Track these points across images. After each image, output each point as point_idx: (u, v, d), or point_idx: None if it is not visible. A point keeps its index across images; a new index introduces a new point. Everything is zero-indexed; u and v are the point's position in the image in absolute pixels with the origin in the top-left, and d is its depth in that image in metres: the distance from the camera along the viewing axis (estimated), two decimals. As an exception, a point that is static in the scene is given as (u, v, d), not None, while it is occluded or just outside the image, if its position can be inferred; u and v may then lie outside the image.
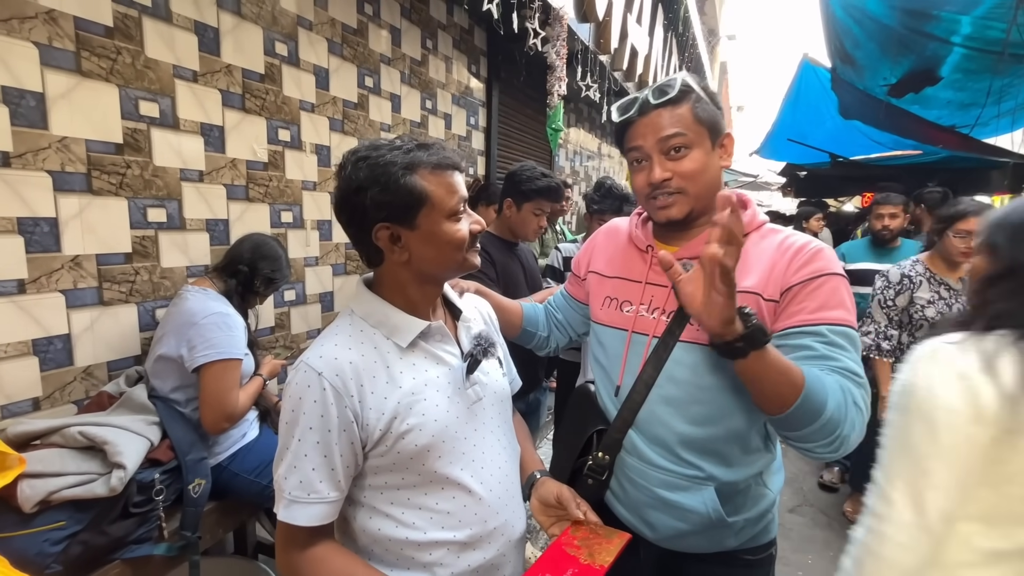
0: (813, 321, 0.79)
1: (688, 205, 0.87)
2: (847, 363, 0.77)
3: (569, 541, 0.80)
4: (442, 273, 0.82)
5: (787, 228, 0.90)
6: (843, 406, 0.73)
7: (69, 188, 1.31)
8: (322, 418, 0.71)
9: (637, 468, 0.92)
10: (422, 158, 0.75)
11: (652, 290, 0.93)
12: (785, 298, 0.81)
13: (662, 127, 0.84)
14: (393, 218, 0.75)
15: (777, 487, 0.94)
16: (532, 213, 1.81)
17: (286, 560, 0.74)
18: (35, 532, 1.04)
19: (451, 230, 0.76)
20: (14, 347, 1.24)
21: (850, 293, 0.82)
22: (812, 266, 0.81)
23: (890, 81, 4.34)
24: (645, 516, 0.92)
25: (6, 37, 1.18)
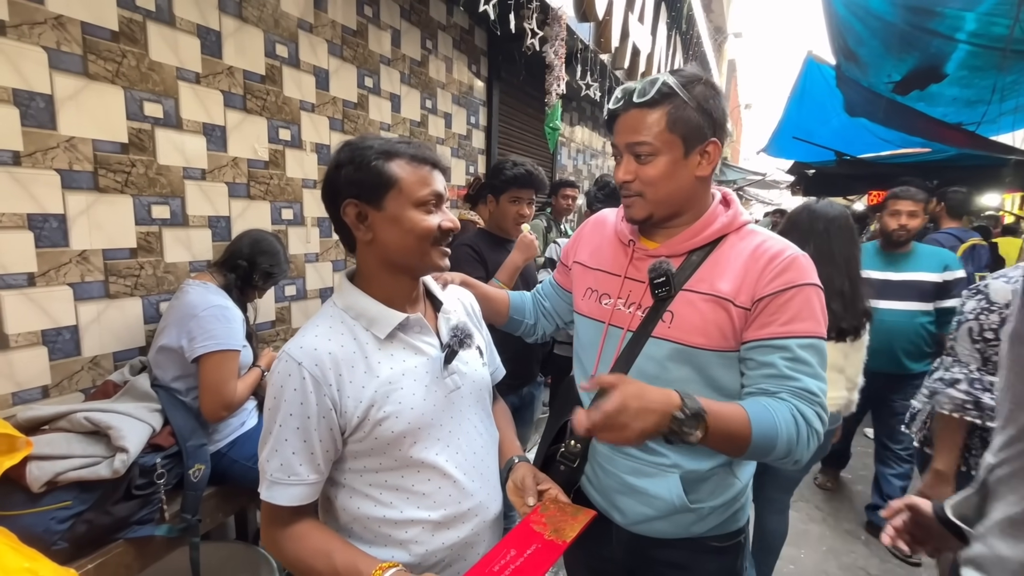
0: (782, 334, 0.82)
1: (646, 209, 0.90)
2: (806, 383, 0.81)
3: (537, 519, 0.84)
4: (407, 262, 0.84)
5: (766, 231, 0.91)
6: (794, 435, 0.77)
7: (77, 186, 1.38)
8: (302, 405, 0.75)
9: (607, 455, 0.96)
10: (401, 149, 0.81)
11: (630, 285, 0.95)
12: (757, 307, 0.83)
13: (633, 130, 0.86)
14: (362, 196, 0.80)
15: (747, 476, 0.97)
16: (508, 203, 1.82)
17: (269, 537, 0.79)
18: (42, 511, 1.10)
19: (416, 217, 0.80)
20: (24, 337, 1.31)
21: (822, 302, 0.85)
22: (785, 276, 0.82)
23: (895, 78, 4.32)
24: (615, 501, 0.96)
25: (17, 42, 1.24)
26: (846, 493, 2.86)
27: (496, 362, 1.13)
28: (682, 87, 0.84)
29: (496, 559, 0.73)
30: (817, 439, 0.80)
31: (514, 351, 1.92)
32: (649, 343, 0.89)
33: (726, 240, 0.90)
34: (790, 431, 0.77)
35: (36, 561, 1.01)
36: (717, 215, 0.91)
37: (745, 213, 0.93)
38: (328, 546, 0.77)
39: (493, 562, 0.72)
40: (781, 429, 0.76)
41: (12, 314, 1.28)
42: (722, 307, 0.84)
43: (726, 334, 0.85)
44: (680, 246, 0.91)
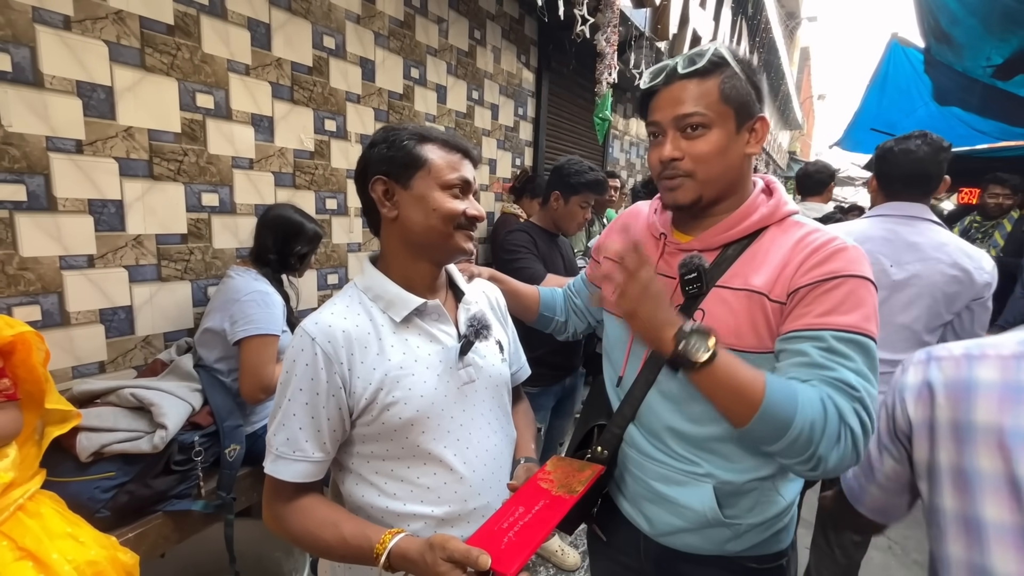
0: (816, 325, 0.72)
1: (695, 191, 0.81)
2: (843, 373, 0.69)
3: (545, 476, 0.81)
4: (428, 244, 0.82)
5: (814, 223, 0.82)
6: (820, 422, 0.66)
7: (133, 173, 1.45)
8: (312, 381, 0.75)
9: (636, 460, 0.90)
10: (435, 134, 0.82)
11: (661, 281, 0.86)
12: (792, 300, 0.75)
13: (682, 102, 0.78)
14: (391, 173, 0.80)
15: (792, 494, 0.88)
16: (579, 206, 1.85)
17: (271, 511, 0.78)
18: (89, 480, 1.16)
19: (441, 199, 0.80)
20: (84, 315, 1.39)
21: (872, 298, 0.73)
22: (827, 267, 0.73)
23: (995, 62, 3.85)
24: (643, 509, 0.90)
25: (80, 36, 1.31)
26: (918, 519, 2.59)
27: (521, 361, 1.08)
28: (733, 56, 0.79)
29: (504, 517, 0.71)
30: (853, 441, 0.68)
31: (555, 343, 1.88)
32: None
33: (766, 233, 0.82)
34: (814, 414, 0.67)
35: (79, 527, 1.07)
36: (757, 205, 0.83)
37: (790, 203, 0.84)
38: (335, 516, 0.76)
39: (502, 520, 0.70)
40: (803, 407, 0.67)
41: (73, 293, 1.36)
42: (755, 302, 0.77)
43: (760, 333, 0.77)
44: (715, 239, 0.84)
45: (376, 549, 0.70)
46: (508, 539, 0.66)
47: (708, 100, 0.77)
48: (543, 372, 1.87)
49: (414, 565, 0.67)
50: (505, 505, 0.74)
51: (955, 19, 3.66)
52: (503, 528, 0.68)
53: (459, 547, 0.63)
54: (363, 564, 0.73)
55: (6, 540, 0.95)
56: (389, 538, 0.70)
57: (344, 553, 0.73)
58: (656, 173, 0.85)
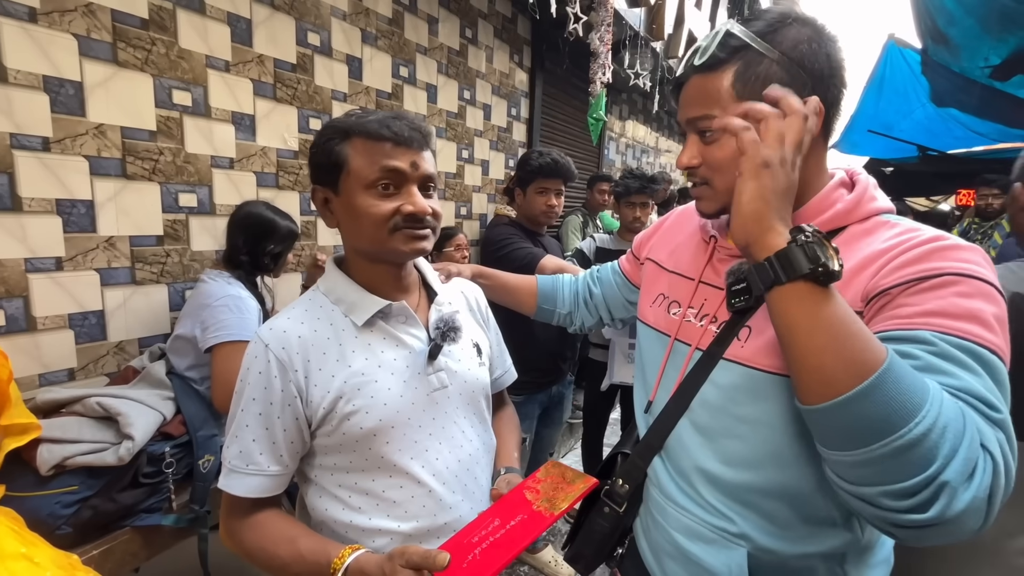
0: (912, 325, 0.53)
1: (716, 202, 0.69)
2: (970, 384, 0.49)
3: (533, 485, 0.75)
4: (367, 250, 0.76)
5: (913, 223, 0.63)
6: (958, 430, 0.46)
7: (105, 172, 1.39)
8: (265, 390, 0.70)
9: (659, 504, 0.77)
10: (363, 126, 0.72)
11: (705, 291, 0.76)
12: (874, 306, 0.58)
13: (694, 103, 0.67)
14: (321, 181, 0.75)
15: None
16: (536, 193, 1.82)
17: (226, 527, 0.74)
18: (49, 494, 1.10)
19: (365, 203, 0.72)
20: (52, 320, 1.33)
21: (998, 305, 0.53)
22: (925, 264, 0.55)
23: (992, 62, 3.83)
24: (663, 564, 0.76)
25: (48, 29, 1.26)
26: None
27: (505, 364, 1.03)
28: (758, 35, 0.63)
29: (478, 529, 0.66)
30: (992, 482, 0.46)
31: (542, 350, 1.83)
32: (719, 367, 0.69)
33: (844, 233, 0.66)
34: (950, 415, 0.46)
35: (34, 547, 1.00)
36: (832, 201, 0.67)
37: (881, 199, 0.68)
38: (292, 532, 0.71)
39: (474, 532, 0.66)
40: (935, 400, 0.46)
41: (40, 297, 1.30)
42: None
43: None
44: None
45: (333, 565, 0.65)
46: (473, 556, 0.61)
47: (719, 99, 0.64)
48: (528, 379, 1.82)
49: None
50: (483, 514, 0.70)
51: (952, 19, 3.64)
52: (472, 542, 0.64)
53: (418, 550, 0.60)
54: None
55: (-48, 562, 0.89)
56: (348, 553, 0.65)
57: (299, 571, 0.68)
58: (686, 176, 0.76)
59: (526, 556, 2.17)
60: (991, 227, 3.39)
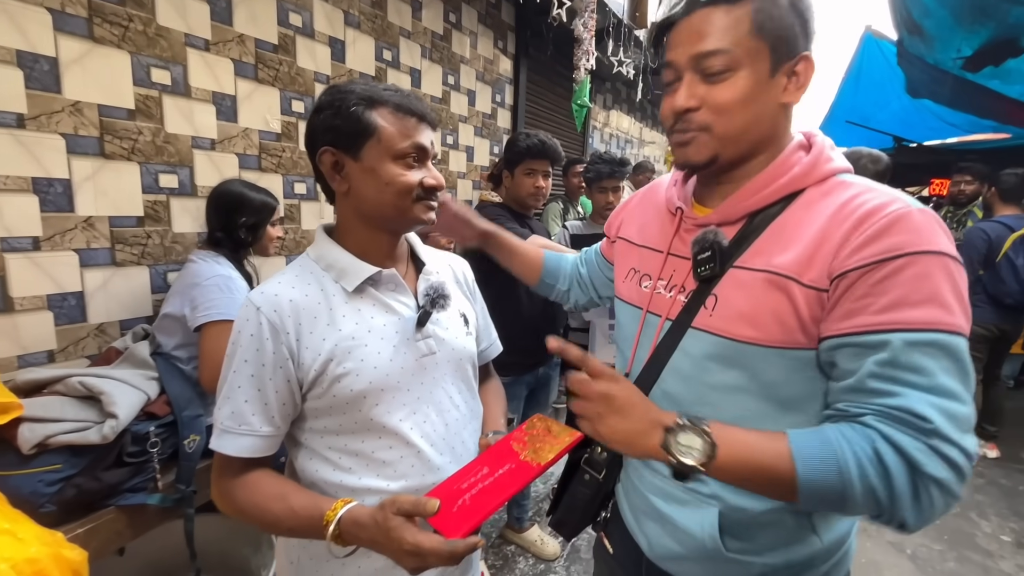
0: (879, 326, 0.55)
1: (711, 148, 0.67)
2: (908, 400, 0.54)
3: (520, 436, 0.78)
4: (384, 217, 0.78)
5: (868, 182, 0.64)
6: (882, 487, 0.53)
7: (82, 151, 1.37)
8: (257, 352, 0.71)
9: (636, 468, 0.81)
10: (386, 96, 0.74)
11: (674, 263, 0.76)
12: (837, 288, 0.59)
13: (703, 36, 0.63)
14: (338, 143, 0.74)
15: (834, 535, 0.70)
16: (524, 175, 1.82)
17: (218, 487, 0.74)
18: (32, 472, 1.09)
19: (394, 172, 0.74)
20: (30, 301, 1.31)
21: (955, 279, 0.56)
22: (885, 241, 0.56)
23: (965, 53, 3.92)
24: (642, 525, 0.80)
25: (20, 2, 1.23)
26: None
27: (491, 337, 1.05)
28: None
29: (467, 476, 0.69)
30: (940, 489, 0.52)
31: (530, 328, 1.85)
32: (688, 335, 0.70)
33: (802, 197, 0.66)
34: (869, 477, 0.53)
35: (18, 523, 0.99)
36: (791, 164, 0.67)
37: (837, 159, 0.68)
38: (284, 489, 0.73)
39: (463, 479, 0.69)
40: (850, 471, 0.53)
41: (17, 277, 1.28)
42: (780, 288, 0.62)
43: (788, 325, 0.62)
44: (735, 208, 0.69)
45: (326, 517, 0.66)
46: (463, 502, 0.64)
47: (736, 33, 0.61)
48: (514, 360, 1.83)
49: (365, 529, 0.64)
50: (472, 463, 0.73)
51: (927, 11, 3.72)
52: (462, 488, 0.66)
53: (408, 499, 0.62)
54: (312, 537, 0.70)
55: (-66, 537, 0.88)
56: (341, 506, 0.67)
57: (293, 525, 0.70)
58: (668, 126, 0.70)
59: (513, 536, 2.21)
60: (964, 214, 3.52)
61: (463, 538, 0.59)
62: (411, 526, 0.61)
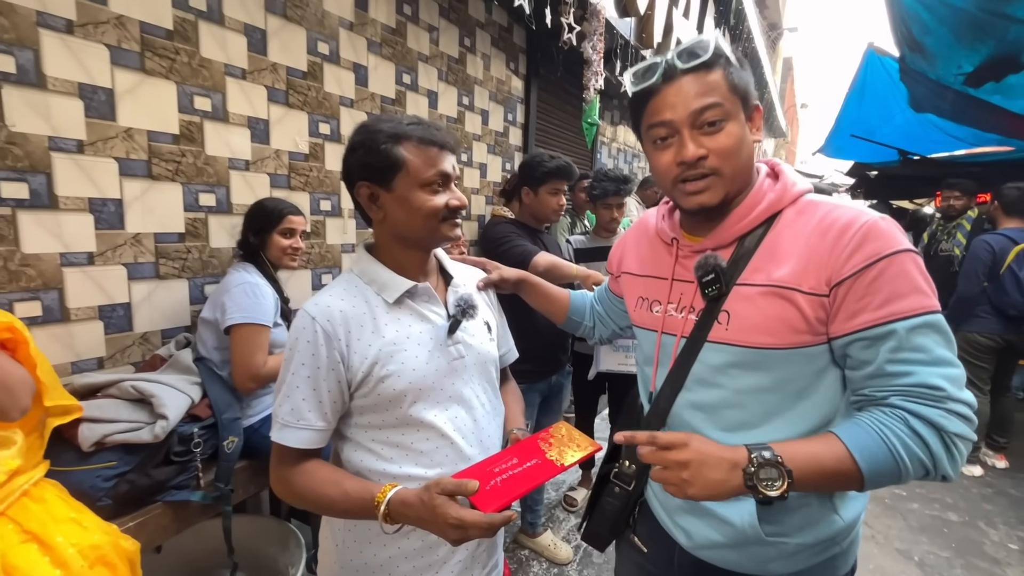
0: (880, 320, 0.67)
1: (723, 189, 0.76)
2: (921, 377, 0.65)
3: (546, 438, 0.87)
4: (416, 238, 0.88)
5: (829, 199, 0.76)
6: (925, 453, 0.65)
7: (132, 173, 1.49)
8: (313, 356, 0.80)
9: None
10: (409, 131, 0.84)
11: (680, 287, 0.85)
12: (838, 294, 0.69)
13: (695, 96, 0.73)
14: (372, 178, 0.84)
15: (852, 514, 0.79)
16: (548, 194, 1.92)
17: (278, 476, 0.83)
18: (90, 468, 1.19)
19: (422, 198, 0.84)
20: (83, 311, 1.42)
21: (921, 268, 0.69)
22: (866, 248, 0.68)
23: (966, 70, 4.01)
24: (679, 521, 0.86)
25: (83, 40, 1.35)
26: (897, 508, 2.67)
27: (509, 344, 1.14)
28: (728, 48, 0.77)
29: (498, 462, 0.78)
30: (963, 444, 0.66)
31: (542, 341, 1.94)
32: (705, 349, 0.79)
33: (781, 218, 0.77)
34: (914, 451, 0.64)
35: (82, 513, 1.09)
36: (764, 192, 0.79)
37: (800, 182, 0.79)
38: (337, 476, 0.82)
39: (495, 464, 0.78)
40: (900, 452, 0.64)
41: (73, 289, 1.39)
42: (785, 298, 0.72)
43: (797, 328, 0.71)
44: (727, 234, 0.79)
45: (377, 498, 0.75)
46: (495, 483, 0.72)
47: (722, 90, 0.73)
48: (528, 369, 1.92)
49: (412, 508, 0.72)
50: (503, 452, 0.82)
51: (927, 29, 3.81)
52: (494, 472, 0.75)
53: (451, 481, 0.71)
54: (364, 517, 0.78)
55: (12, 524, 0.97)
56: (389, 489, 0.76)
57: (347, 507, 0.78)
58: (672, 177, 0.78)
59: (527, 540, 2.27)
60: (954, 227, 3.63)
61: (497, 512, 0.68)
62: (454, 503, 0.70)
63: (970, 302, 2.89)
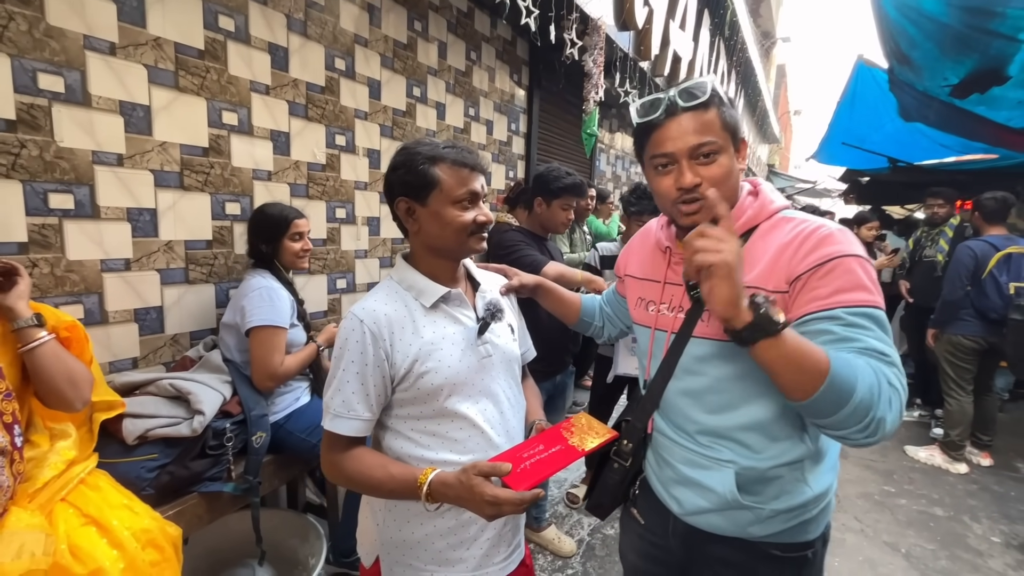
0: (828, 306, 0.76)
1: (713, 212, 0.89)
2: (871, 342, 0.74)
3: (568, 426, 0.97)
4: (447, 249, 0.98)
5: (802, 214, 0.87)
6: (875, 388, 0.70)
7: (166, 184, 1.58)
8: (361, 355, 0.90)
9: (666, 446, 0.99)
10: (445, 154, 0.94)
11: (671, 289, 0.97)
12: (795, 288, 0.80)
13: (695, 133, 0.84)
14: (410, 194, 0.95)
15: (822, 486, 0.89)
16: (561, 208, 2.02)
17: (329, 460, 0.93)
18: (134, 460, 1.28)
19: (452, 214, 0.94)
20: (121, 314, 1.51)
21: (868, 272, 0.78)
22: (821, 251, 0.79)
23: (951, 81, 4.15)
24: (672, 491, 0.97)
25: (124, 61, 1.45)
26: (886, 503, 2.78)
27: (527, 343, 1.24)
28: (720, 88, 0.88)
29: (528, 448, 0.89)
30: (899, 402, 0.72)
31: (547, 341, 2.04)
32: (691, 343, 0.91)
33: (757, 230, 0.89)
34: (870, 379, 0.70)
35: (133, 500, 1.18)
36: (745, 208, 0.90)
37: (777, 200, 0.91)
38: (382, 460, 0.92)
39: (524, 449, 0.88)
40: (860, 378, 0.70)
41: (112, 294, 1.48)
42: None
43: None
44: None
45: (419, 480, 0.85)
46: (524, 466, 0.82)
47: (716, 128, 0.84)
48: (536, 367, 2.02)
49: (452, 488, 0.82)
50: (530, 440, 0.92)
51: (914, 43, 3.96)
52: (523, 456, 0.85)
53: (485, 463, 0.81)
54: (407, 497, 0.88)
55: (72, 508, 1.06)
56: (430, 471, 0.85)
57: (392, 488, 0.88)
58: (671, 200, 0.89)
59: (532, 535, 2.36)
60: (937, 233, 3.78)
61: (528, 490, 0.78)
62: (488, 483, 0.79)
63: (954, 305, 3.02)
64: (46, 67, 1.31)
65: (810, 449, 0.88)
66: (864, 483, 2.99)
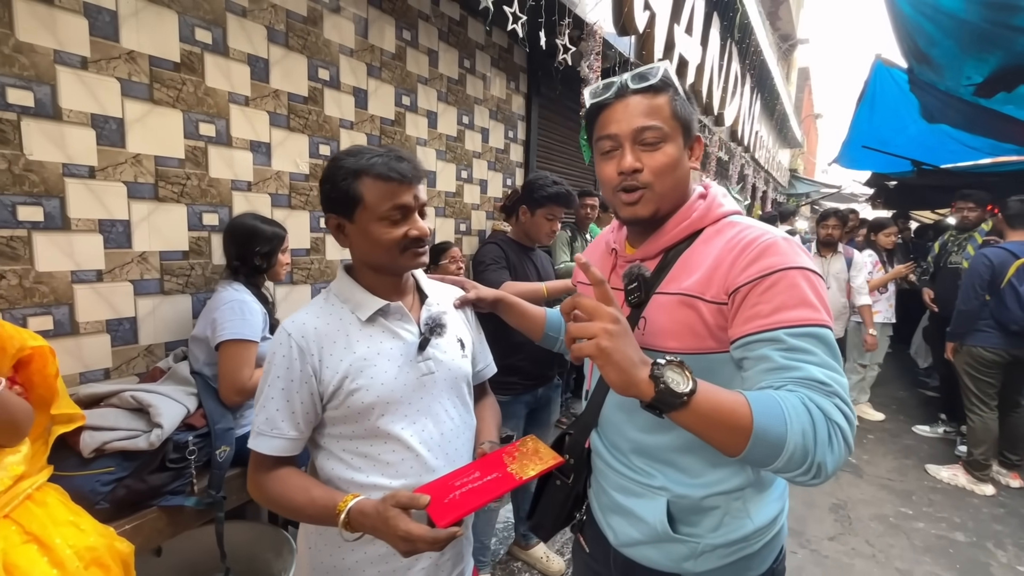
0: (769, 326, 0.70)
1: (654, 203, 0.83)
2: (811, 371, 0.67)
3: (511, 451, 0.91)
4: (379, 264, 0.94)
5: (749, 220, 0.83)
6: (810, 431, 0.63)
7: (140, 196, 1.59)
8: (287, 370, 0.87)
9: (602, 471, 0.94)
10: (370, 166, 0.88)
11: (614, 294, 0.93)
12: (735, 300, 0.74)
13: (640, 116, 0.80)
14: (337, 211, 0.91)
15: (765, 517, 0.83)
16: (544, 218, 1.97)
17: (254, 481, 0.90)
18: (90, 474, 1.27)
19: (380, 231, 0.89)
20: (92, 325, 1.51)
21: (815, 286, 0.72)
22: (762, 262, 0.73)
23: (975, 80, 3.96)
24: (609, 520, 0.93)
25: (96, 75, 1.47)
26: (900, 527, 2.61)
27: (487, 360, 1.19)
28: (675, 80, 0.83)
29: (462, 475, 0.83)
30: (843, 437, 0.65)
31: (529, 353, 1.98)
32: None
33: (701, 235, 0.84)
34: (803, 422, 0.63)
35: (80, 516, 1.17)
36: (692, 210, 0.85)
37: (727, 204, 0.86)
38: (306, 483, 0.88)
39: (458, 477, 0.83)
40: (791, 418, 0.63)
41: (83, 305, 1.49)
42: (689, 305, 0.78)
43: (699, 334, 0.77)
44: (653, 247, 0.87)
45: (339, 507, 0.81)
46: (453, 495, 0.77)
47: (663, 115, 0.80)
48: (513, 381, 1.96)
49: (369, 518, 0.78)
50: (468, 466, 0.87)
51: (932, 41, 3.79)
52: (455, 485, 0.80)
53: (405, 494, 0.76)
54: (327, 523, 0.84)
55: (15, 525, 1.05)
56: (351, 499, 0.81)
57: (312, 513, 0.84)
58: (612, 186, 0.85)
59: (520, 552, 2.29)
60: (966, 239, 3.57)
61: (445, 527, 0.73)
62: (405, 516, 0.74)
63: (970, 315, 2.85)
64: (15, 82, 1.33)
65: (751, 478, 0.81)
66: (879, 504, 2.83)
